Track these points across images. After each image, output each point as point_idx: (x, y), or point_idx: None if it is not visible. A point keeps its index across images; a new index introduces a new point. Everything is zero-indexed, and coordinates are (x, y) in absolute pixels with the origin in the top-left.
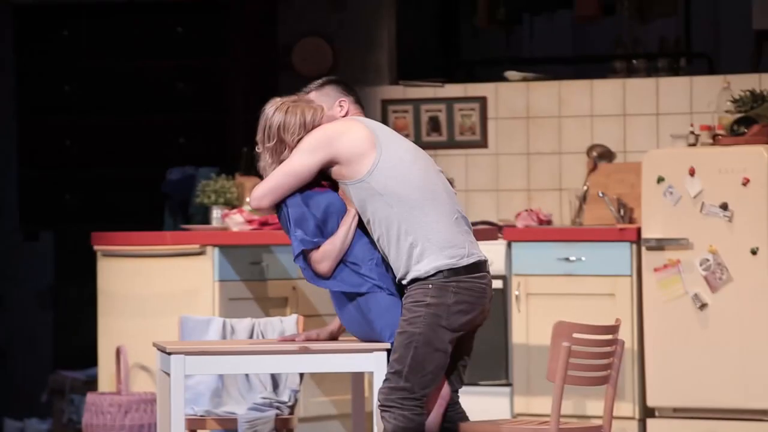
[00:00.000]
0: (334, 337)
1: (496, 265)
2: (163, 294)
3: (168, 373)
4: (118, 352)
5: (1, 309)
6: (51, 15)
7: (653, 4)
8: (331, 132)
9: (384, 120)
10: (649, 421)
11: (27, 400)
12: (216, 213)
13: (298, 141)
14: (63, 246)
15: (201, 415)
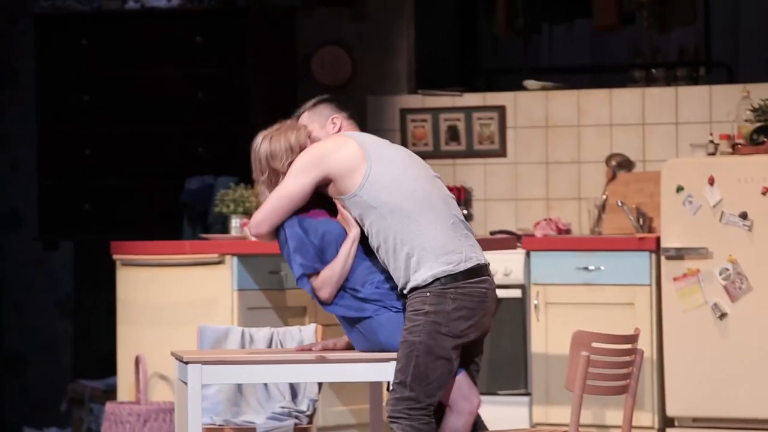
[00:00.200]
0: (351, 346)
1: (515, 275)
2: (182, 303)
3: (186, 383)
4: (137, 362)
5: (20, 318)
6: (71, 24)
7: (672, 14)
8: (321, 150)
9: (403, 129)
10: (669, 431)
11: (46, 409)
12: (235, 222)
13: (289, 165)
14: (82, 255)
15: (219, 425)
